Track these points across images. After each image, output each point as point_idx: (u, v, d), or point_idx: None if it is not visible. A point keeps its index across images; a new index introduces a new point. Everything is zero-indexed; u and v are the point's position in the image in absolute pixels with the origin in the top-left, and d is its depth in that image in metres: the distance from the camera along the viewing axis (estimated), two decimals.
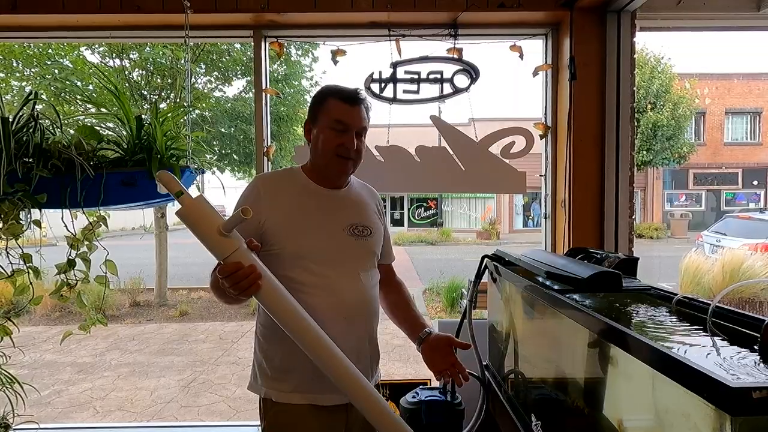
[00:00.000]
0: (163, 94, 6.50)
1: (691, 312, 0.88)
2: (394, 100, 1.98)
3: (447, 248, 14.35)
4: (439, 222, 18.87)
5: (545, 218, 2.11)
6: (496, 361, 1.59)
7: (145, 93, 6.47)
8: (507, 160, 2.00)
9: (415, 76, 1.98)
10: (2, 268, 1.46)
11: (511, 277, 1.37)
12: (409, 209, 19.35)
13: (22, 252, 1.46)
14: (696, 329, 0.79)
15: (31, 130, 1.39)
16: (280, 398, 1.13)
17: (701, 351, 0.70)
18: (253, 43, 2.01)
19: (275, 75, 6.94)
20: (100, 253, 1.53)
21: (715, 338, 0.75)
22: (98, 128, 1.58)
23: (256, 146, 2.01)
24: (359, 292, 1.17)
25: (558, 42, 2.00)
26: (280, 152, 7.06)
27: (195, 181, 1.64)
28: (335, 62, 2.02)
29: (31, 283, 1.50)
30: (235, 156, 7.34)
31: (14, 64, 5.68)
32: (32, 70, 5.77)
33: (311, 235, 1.14)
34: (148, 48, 5.98)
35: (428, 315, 6.13)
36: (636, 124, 1.92)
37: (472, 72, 1.97)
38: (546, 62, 2.05)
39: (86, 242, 1.49)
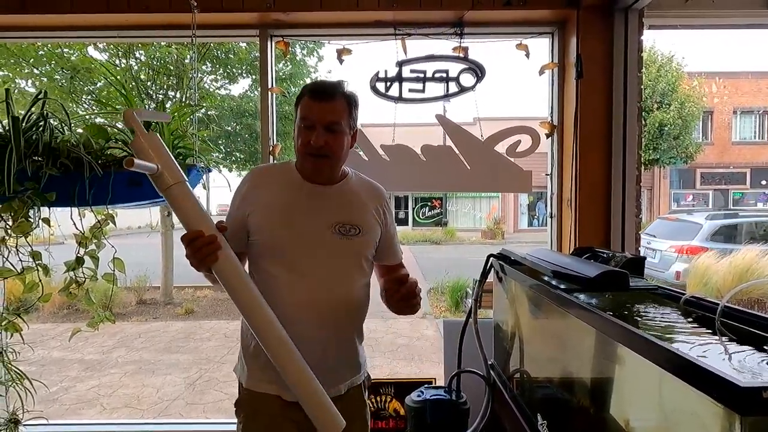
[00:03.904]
0: (170, 93, 6.54)
1: (700, 312, 0.88)
2: (399, 99, 1.98)
3: (451, 247, 14.33)
4: (443, 221, 18.86)
5: (551, 217, 2.10)
6: (502, 360, 1.59)
7: (152, 92, 6.51)
8: (513, 159, 1.99)
9: (421, 75, 1.98)
10: (12, 265, 1.48)
11: (517, 276, 1.37)
12: (413, 208, 19.35)
13: (32, 250, 1.47)
14: (704, 329, 0.79)
15: (40, 129, 1.40)
16: (250, 385, 1.14)
17: (710, 351, 0.69)
18: (258, 43, 2.01)
19: (280, 74, 6.97)
20: (108, 251, 1.55)
21: (724, 338, 0.74)
22: (106, 127, 1.59)
23: (262, 145, 2.02)
24: (337, 292, 1.13)
25: (564, 40, 1.99)
26: (285, 150, 7.09)
27: (202, 180, 1.65)
28: (341, 61, 2.02)
29: (40, 280, 1.52)
30: (240, 154, 7.37)
31: (23, 63, 5.73)
32: (41, 69, 5.82)
33: (292, 229, 1.12)
34: (154, 47, 6.02)
35: (432, 314, 6.13)
36: (642, 123, 1.91)
37: (477, 71, 1.97)
38: (552, 61, 2.04)
39: (94, 240, 1.50)
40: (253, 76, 7.04)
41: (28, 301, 1.69)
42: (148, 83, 6.51)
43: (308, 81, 7.42)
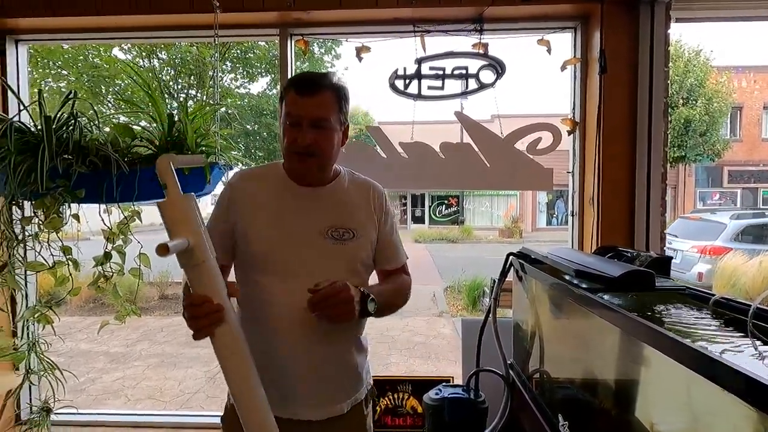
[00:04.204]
0: (191, 92, 6.67)
1: (730, 314, 0.85)
2: (418, 96, 1.97)
3: (468, 246, 14.24)
4: (460, 219, 18.76)
5: (572, 216, 2.06)
6: (521, 359, 1.57)
7: (173, 91, 6.66)
8: (533, 157, 1.96)
9: (440, 72, 1.97)
10: (44, 259, 1.53)
11: (538, 275, 1.35)
12: (430, 206, 19.30)
13: (62, 245, 1.53)
14: (736, 331, 0.77)
15: (70, 128, 1.44)
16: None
17: (743, 353, 0.67)
18: (279, 42, 2.03)
19: (298, 71, 7.04)
20: (134, 246, 1.59)
21: (757, 341, 0.72)
22: (132, 126, 1.63)
23: (280, 143, 2.04)
24: None
25: (587, 35, 1.95)
26: None
27: (223, 178, 1.68)
28: (360, 59, 2.02)
29: (70, 274, 1.57)
30: (259, 153, 7.48)
31: (51, 65, 5.93)
32: (68, 70, 6.01)
33: (281, 237, 1.05)
34: (176, 47, 6.16)
35: (449, 313, 6.11)
36: (668, 119, 1.86)
37: (498, 67, 1.95)
38: (575, 56, 2.00)
39: (121, 236, 1.55)
40: (272, 75, 7.13)
41: (58, 295, 1.75)
42: (170, 83, 6.66)
43: None
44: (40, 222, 1.48)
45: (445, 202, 19.26)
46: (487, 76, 1.96)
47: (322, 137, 1.03)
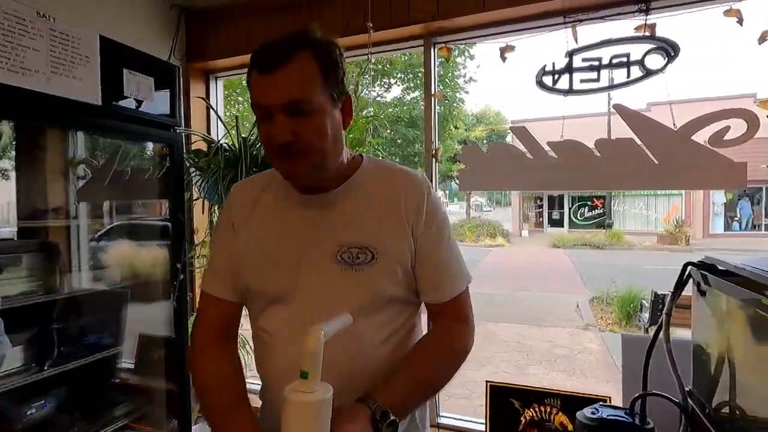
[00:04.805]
0: None
1: None
2: (569, 91, 1.85)
3: (618, 253, 12.64)
4: (607, 223, 16.71)
5: None
6: (705, 388, 1.35)
7: None
8: (717, 149, 1.66)
9: (595, 63, 1.81)
10: None
11: (731, 290, 1.14)
12: (570, 209, 17.66)
13: None
14: None
15: (258, 146, 1.75)
16: None
17: None
18: (423, 51, 2.12)
19: None
20: None
21: None
22: None
23: (425, 148, 2.12)
24: (352, 353, 0.76)
25: None
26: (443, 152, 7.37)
27: None
28: (504, 59, 1.98)
29: None
30: (396, 159, 7.91)
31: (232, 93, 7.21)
32: (242, 98, 7.25)
33: (280, 266, 0.80)
34: None
35: (597, 326, 5.52)
36: None
37: (669, 49, 1.70)
38: None
39: None
40: (406, 84, 7.45)
41: None
42: None
43: (460, 81, 7.48)
44: None
45: (588, 203, 17.39)
46: (654, 60, 1.73)
47: (306, 126, 0.72)
